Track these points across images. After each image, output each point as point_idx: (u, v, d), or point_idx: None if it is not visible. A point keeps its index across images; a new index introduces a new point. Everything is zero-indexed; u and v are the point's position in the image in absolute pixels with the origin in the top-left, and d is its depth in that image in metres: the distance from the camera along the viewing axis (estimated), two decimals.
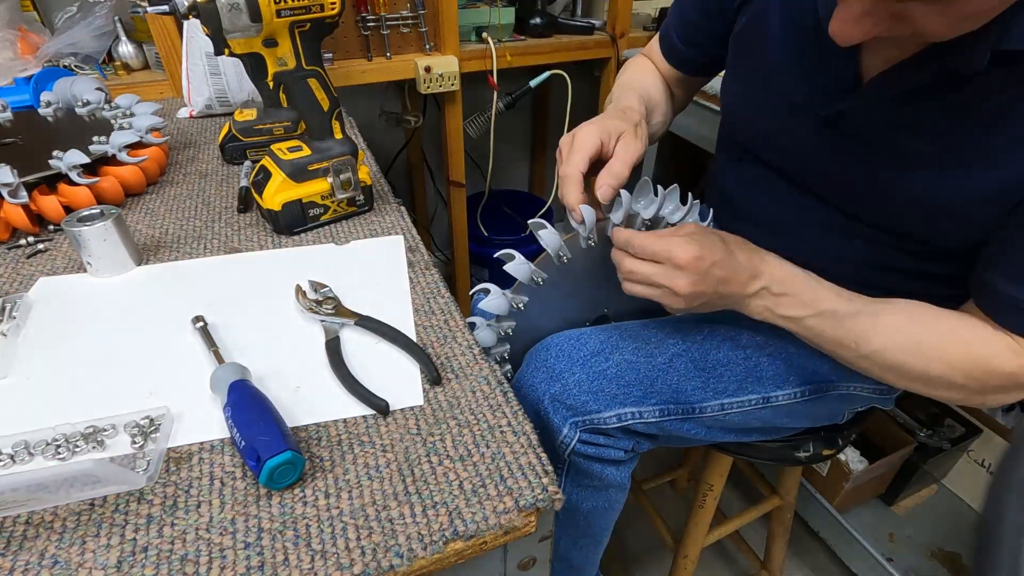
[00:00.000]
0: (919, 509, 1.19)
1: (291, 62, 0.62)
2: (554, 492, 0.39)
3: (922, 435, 1.13)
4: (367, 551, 0.36)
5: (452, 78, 1.23)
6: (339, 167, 0.67)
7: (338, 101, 0.67)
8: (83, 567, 0.35)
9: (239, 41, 0.58)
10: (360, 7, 1.15)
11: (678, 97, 0.81)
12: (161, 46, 1.04)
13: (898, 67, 0.49)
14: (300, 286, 0.56)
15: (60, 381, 0.48)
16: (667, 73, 0.79)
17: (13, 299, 0.55)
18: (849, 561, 1.12)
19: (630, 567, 1.20)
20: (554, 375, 0.60)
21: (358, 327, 0.53)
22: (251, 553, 0.36)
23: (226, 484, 0.40)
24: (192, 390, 0.47)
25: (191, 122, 1.00)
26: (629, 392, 0.60)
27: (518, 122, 1.79)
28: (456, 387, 0.48)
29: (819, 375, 0.65)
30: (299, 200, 0.66)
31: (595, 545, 0.72)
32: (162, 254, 0.65)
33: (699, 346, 0.63)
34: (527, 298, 0.60)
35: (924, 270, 0.58)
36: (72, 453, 0.41)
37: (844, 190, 0.57)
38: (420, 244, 0.66)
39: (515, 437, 0.43)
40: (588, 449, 0.59)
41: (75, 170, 0.68)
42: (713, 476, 0.84)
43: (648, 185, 0.58)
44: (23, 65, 0.98)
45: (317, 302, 0.55)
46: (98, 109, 0.85)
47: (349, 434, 0.44)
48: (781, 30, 0.59)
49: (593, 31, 1.40)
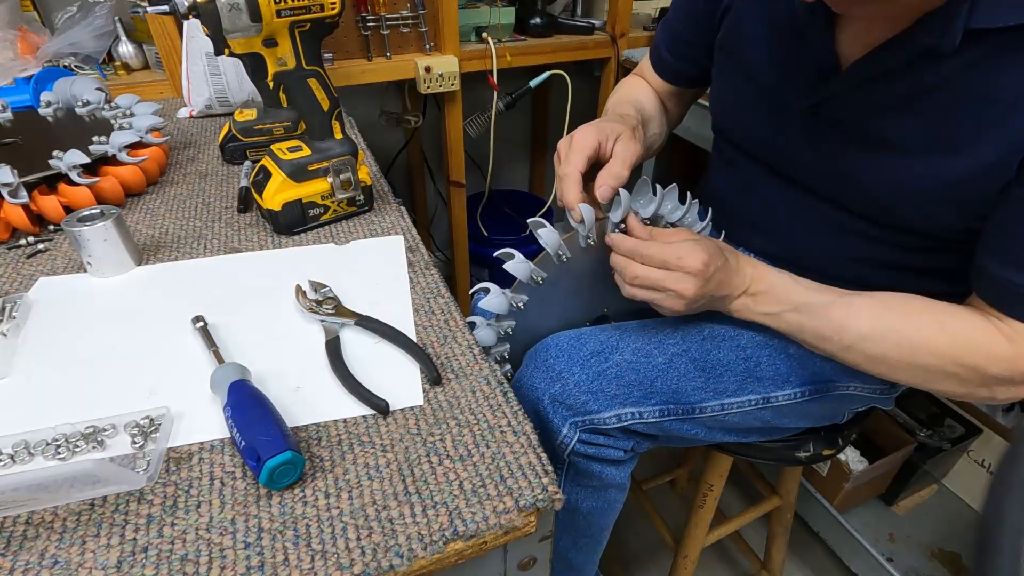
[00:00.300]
0: (919, 509, 1.19)
1: (291, 62, 0.62)
2: (554, 492, 0.39)
3: (922, 435, 1.13)
4: (367, 551, 0.36)
5: (452, 78, 1.23)
6: (339, 167, 0.67)
7: (338, 101, 0.67)
8: (83, 567, 0.35)
9: (239, 41, 0.58)
10: (360, 7, 1.15)
11: (672, 111, 0.82)
12: (161, 46, 1.04)
13: (876, 50, 0.50)
14: (300, 286, 0.56)
15: (60, 381, 0.48)
16: (660, 88, 0.81)
17: (13, 299, 0.55)
18: (849, 561, 1.13)
19: (630, 567, 1.20)
20: (554, 375, 0.60)
21: (358, 327, 0.53)
22: (251, 553, 0.36)
23: (226, 484, 0.40)
24: (192, 390, 0.47)
25: (191, 122, 1.00)
26: (629, 392, 0.60)
27: (518, 122, 1.79)
28: (456, 387, 0.48)
29: (819, 375, 0.65)
30: (299, 200, 0.66)
31: (595, 545, 0.72)
32: (162, 254, 0.65)
33: (699, 346, 0.63)
34: (527, 297, 0.60)
35: (920, 265, 0.58)
36: (72, 453, 0.41)
37: (833, 181, 0.58)
38: (420, 244, 0.66)
39: (515, 437, 0.43)
40: (588, 449, 0.60)
41: (75, 170, 0.68)
42: (713, 476, 0.84)
43: (647, 184, 0.59)
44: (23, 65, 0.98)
45: (317, 302, 0.55)
46: (98, 109, 0.85)
47: (349, 434, 0.44)
48: (759, 30, 0.61)
49: (593, 31, 1.40)
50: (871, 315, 0.54)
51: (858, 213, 0.58)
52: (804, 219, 0.62)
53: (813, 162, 0.59)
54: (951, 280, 0.58)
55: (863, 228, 0.58)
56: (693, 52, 0.74)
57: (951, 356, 0.51)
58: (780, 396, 0.64)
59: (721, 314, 0.61)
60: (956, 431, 1.14)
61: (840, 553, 1.14)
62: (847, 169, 0.56)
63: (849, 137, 0.55)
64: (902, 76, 0.50)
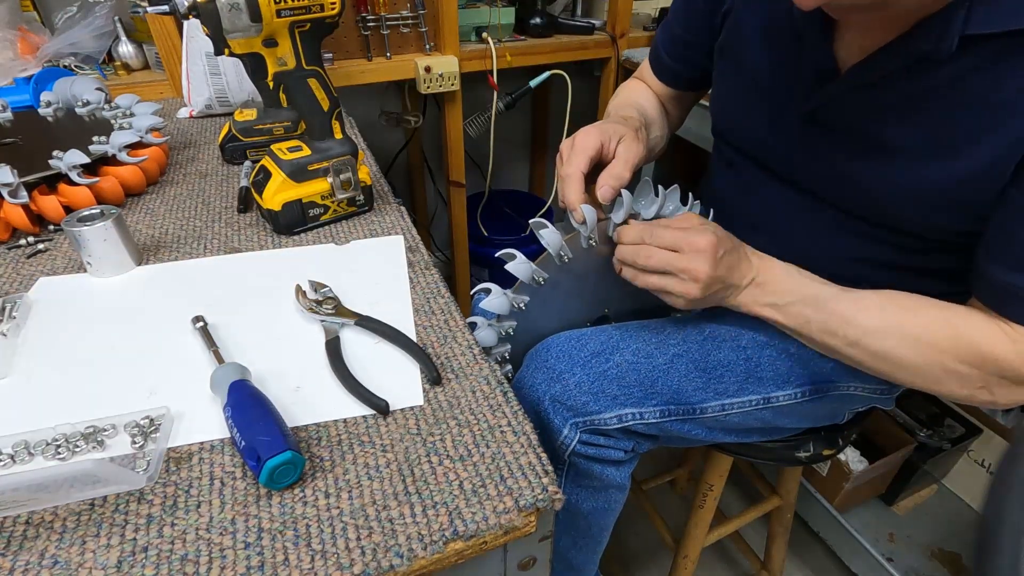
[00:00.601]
0: (919, 509, 1.19)
1: (291, 62, 0.62)
2: (554, 492, 0.39)
3: (922, 435, 1.13)
4: (367, 551, 0.36)
5: (452, 78, 1.23)
6: (339, 167, 0.67)
7: (338, 101, 0.67)
8: (83, 567, 0.35)
9: (239, 41, 0.58)
10: (360, 7, 1.15)
11: (672, 114, 0.82)
12: (161, 46, 1.04)
13: (873, 55, 0.50)
14: (300, 286, 0.56)
15: (60, 381, 0.48)
16: (660, 91, 0.81)
17: (13, 299, 0.55)
18: (849, 561, 1.13)
19: (630, 567, 1.20)
20: (555, 376, 0.60)
21: (358, 327, 0.53)
22: (251, 553, 0.36)
23: (226, 484, 0.40)
24: (192, 390, 0.47)
25: (191, 122, 1.00)
26: (630, 393, 0.60)
27: (518, 122, 1.79)
28: (456, 387, 0.48)
29: (820, 375, 0.65)
30: (299, 200, 0.66)
31: (595, 545, 0.72)
32: (162, 254, 0.65)
33: (700, 346, 0.63)
34: (528, 298, 0.60)
35: (920, 266, 0.58)
36: (72, 453, 0.41)
37: (831, 183, 0.58)
38: (420, 244, 0.66)
39: (515, 437, 0.43)
40: (588, 450, 0.59)
41: (75, 170, 0.68)
42: (713, 476, 0.84)
43: (649, 185, 0.59)
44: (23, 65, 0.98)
45: (317, 302, 0.55)
46: (98, 109, 0.85)
47: (349, 434, 0.44)
48: (758, 33, 0.61)
49: (593, 31, 1.40)
50: (879, 310, 0.54)
51: (857, 215, 0.58)
52: (804, 220, 0.62)
53: (812, 165, 0.59)
54: (951, 280, 0.58)
55: (863, 229, 0.58)
56: (692, 54, 0.74)
57: (955, 353, 0.51)
58: (781, 396, 0.64)
59: (722, 314, 0.61)
60: (956, 431, 1.14)
61: (840, 553, 1.14)
62: (845, 172, 0.56)
63: (847, 141, 0.55)
64: (900, 80, 0.50)
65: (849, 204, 0.58)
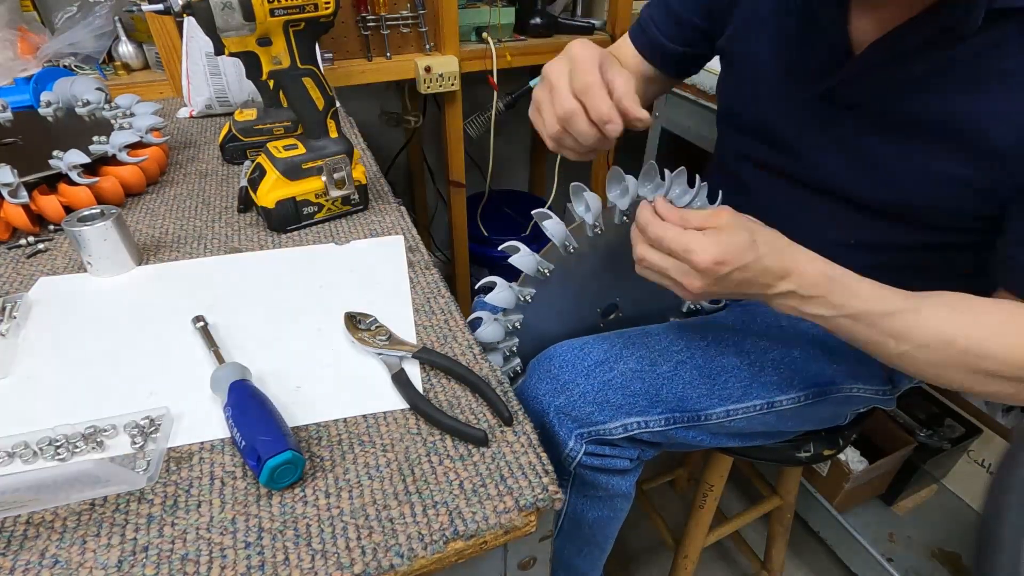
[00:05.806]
0: (919, 509, 1.19)
1: (285, 61, 0.62)
2: (554, 492, 0.39)
3: (922, 435, 1.13)
4: (367, 551, 0.36)
5: (452, 78, 1.23)
6: (333, 166, 0.67)
7: (334, 100, 0.67)
8: (83, 567, 0.35)
9: (233, 40, 0.58)
10: (360, 7, 1.15)
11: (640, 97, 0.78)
12: (161, 46, 1.04)
13: (895, 30, 0.49)
14: (350, 315, 0.53)
15: (60, 381, 0.48)
16: (634, 70, 0.75)
17: (13, 299, 0.55)
18: (849, 561, 1.12)
19: (630, 567, 1.20)
20: (559, 386, 0.59)
21: (415, 359, 0.49)
22: (251, 553, 0.36)
23: (226, 484, 0.40)
24: (192, 390, 0.47)
25: (191, 122, 1.00)
26: (635, 402, 0.59)
27: (518, 122, 1.79)
28: (456, 387, 0.48)
29: (822, 378, 0.64)
30: (293, 198, 0.66)
31: (600, 553, 0.71)
32: (162, 254, 0.65)
33: (703, 353, 0.62)
34: (534, 290, 0.59)
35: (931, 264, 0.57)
36: (72, 453, 0.41)
37: (845, 168, 0.57)
38: (420, 244, 0.66)
39: (515, 437, 0.43)
40: (594, 461, 0.59)
41: (75, 170, 0.68)
42: (713, 476, 0.84)
43: (654, 169, 0.56)
44: (23, 65, 0.98)
45: (368, 333, 0.52)
46: (98, 109, 0.85)
47: (349, 434, 0.44)
48: (770, 19, 0.60)
49: (593, 31, 1.40)
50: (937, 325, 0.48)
51: (867, 206, 0.56)
52: (806, 217, 0.62)
53: (825, 146, 0.58)
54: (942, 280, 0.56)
55: (870, 222, 0.57)
56: (700, 40, 0.71)
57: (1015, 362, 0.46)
58: (784, 400, 0.63)
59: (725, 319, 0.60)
60: (956, 431, 1.14)
61: (840, 553, 1.14)
62: (864, 153, 0.55)
63: (866, 120, 0.54)
64: (921, 55, 0.49)
65: (863, 191, 0.56)
